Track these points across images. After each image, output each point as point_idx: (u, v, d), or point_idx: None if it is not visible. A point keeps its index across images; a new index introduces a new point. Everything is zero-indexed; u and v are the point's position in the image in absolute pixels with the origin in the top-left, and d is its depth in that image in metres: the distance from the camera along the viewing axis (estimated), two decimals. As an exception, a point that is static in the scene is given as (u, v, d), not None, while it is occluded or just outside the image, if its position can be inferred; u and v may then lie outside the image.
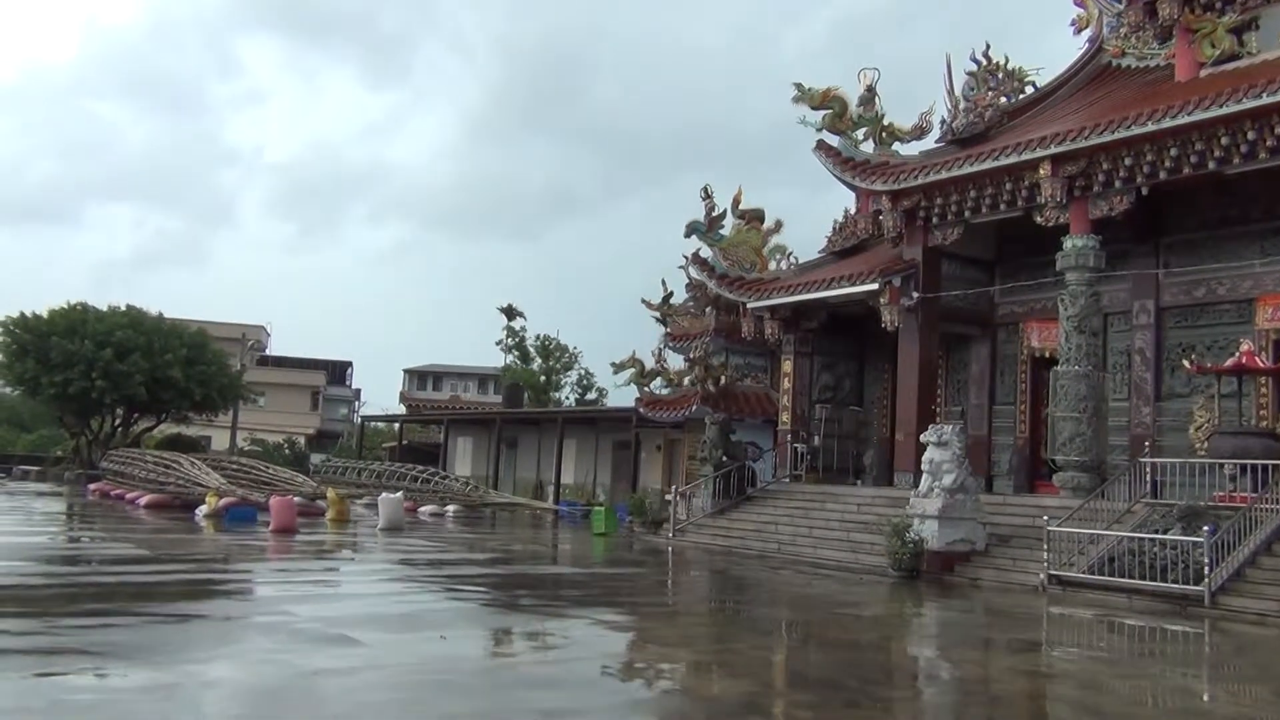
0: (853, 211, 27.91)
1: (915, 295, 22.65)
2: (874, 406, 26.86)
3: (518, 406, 51.17)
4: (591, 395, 65.90)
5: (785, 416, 26.03)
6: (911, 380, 22.86)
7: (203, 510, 24.18)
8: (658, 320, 40.17)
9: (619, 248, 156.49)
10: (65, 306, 42.01)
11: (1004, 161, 20.34)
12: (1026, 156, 19.88)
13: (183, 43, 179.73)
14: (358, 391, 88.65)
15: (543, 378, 64.72)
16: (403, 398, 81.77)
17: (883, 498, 22.06)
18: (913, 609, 13.78)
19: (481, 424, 48.09)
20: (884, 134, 23.79)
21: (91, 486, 32.80)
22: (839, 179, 24.15)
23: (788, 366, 26.12)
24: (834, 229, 27.88)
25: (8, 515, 22.35)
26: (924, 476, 18.33)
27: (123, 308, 43.36)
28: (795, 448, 25.42)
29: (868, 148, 23.76)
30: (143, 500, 27.23)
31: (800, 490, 24.26)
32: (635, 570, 18.03)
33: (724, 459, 24.60)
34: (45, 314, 41.18)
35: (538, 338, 66.02)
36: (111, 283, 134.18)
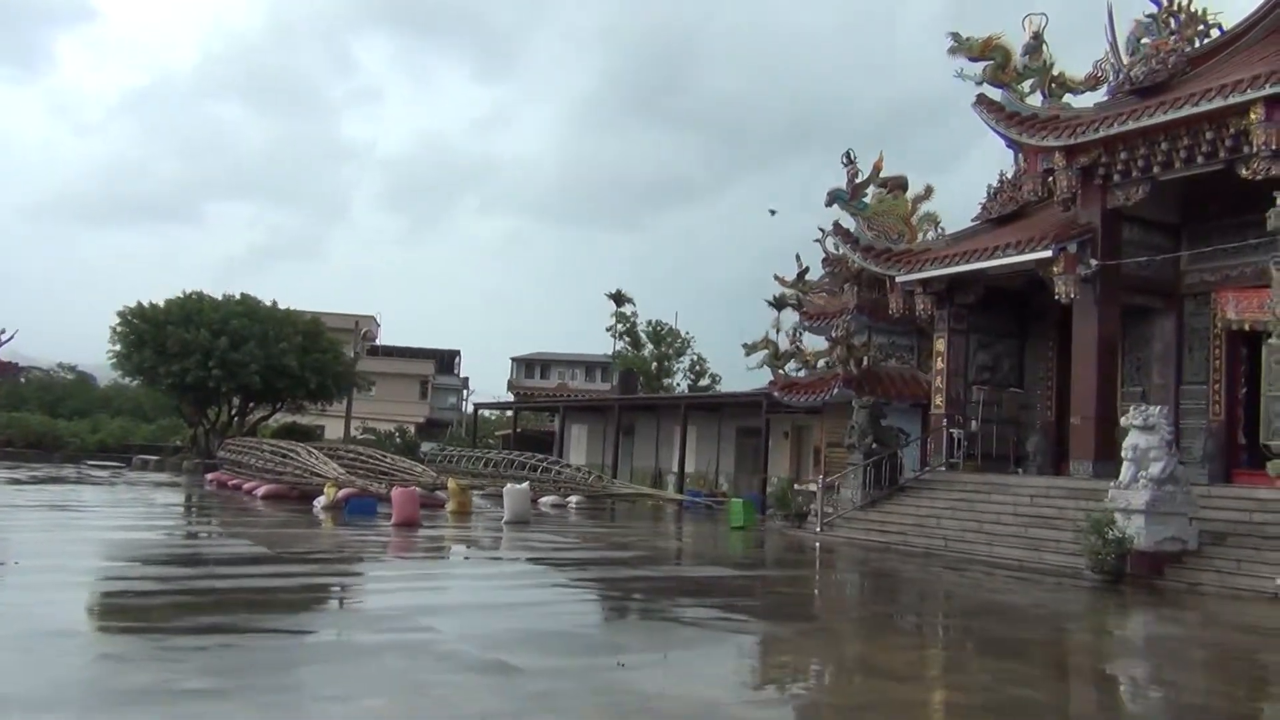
0: (1009, 175, 25.67)
1: (1093, 263, 20.24)
2: (1036, 388, 24.43)
3: (632, 393, 49.65)
4: (705, 381, 64.08)
5: (938, 400, 23.80)
6: (1089, 358, 20.48)
7: (321, 501, 23.06)
8: (771, 304, 38.12)
9: (725, 234, 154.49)
10: (181, 296, 41.79)
11: (1206, 107, 17.81)
12: (1235, 100, 17.36)
13: (300, 43, 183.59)
14: (465, 380, 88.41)
15: (654, 364, 63.10)
16: (511, 386, 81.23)
17: (1058, 488, 19.79)
18: (1150, 625, 11.66)
19: (596, 411, 46.68)
20: (1053, 85, 21.37)
21: (209, 476, 32.21)
22: (1002, 136, 21.86)
23: (940, 345, 23.88)
24: (989, 194, 25.50)
25: (125, 508, 21.54)
26: (1126, 465, 16.03)
27: (237, 296, 43.02)
28: (951, 433, 23.19)
29: (1034, 101, 21.43)
30: (260, 491, 26.34)
31: (960, 480, 22.05)
32: (798, 573, 16.19)
33: (874, 446, 22.53)
34: (161, 304, 40.99)
35: (649, 323, 64.42)
36: (230, 278, 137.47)
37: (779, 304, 66.77)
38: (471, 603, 10.66)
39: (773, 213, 37.87)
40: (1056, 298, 20.54)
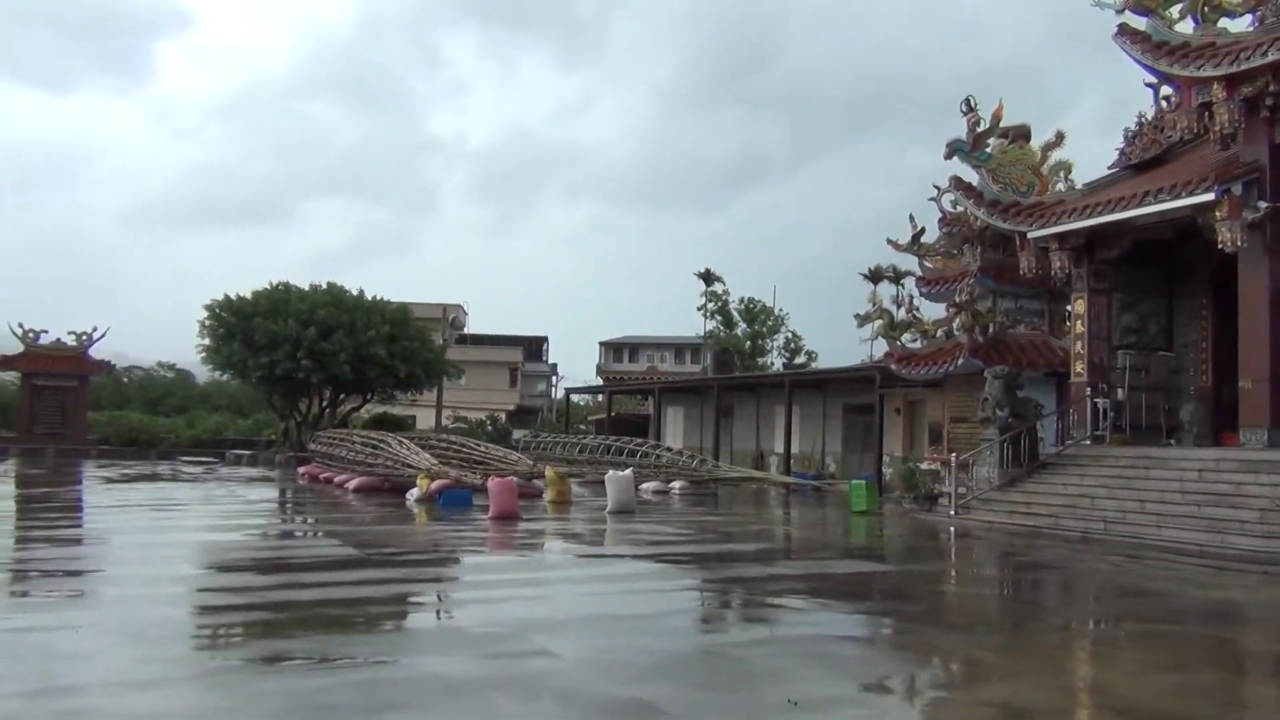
0: (1148, 117, 23.28)
1: (1262, 205, 17.88)
2: (1188, 351, 22.02)
3: (728, 372, 47.81)
4: (800, 359, 62.00)
5: (1078, 366, 21.58)
6: (1260, 313, 18.11)
7: (414, 494, 21.86)
8: (866, 276, 35.56)
9: (810, 211, 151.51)
10: (268, 287, 41.14)
11: (1405, 15, 15.39)
12: None
13: (389, 40, 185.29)
14: (554, 366, 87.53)
15: (748, 343, 61.21)
16: (599, 370, 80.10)
17: (1230, 461, 17.53)
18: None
19: (692, 392, 45.02)
20: (1206, 9, 19.00)
21: (301, 470, 31.35)
22: (1148, 69, 19.59)
23: (1080, 307, 21.62)
24: (1126, 139, 23.13)
25: (214, 506, 20.51)
26: (1330, 433, 13.83)
27: (324, 285, 42.23)
28: (1095, 404, 20.97)
29: (1184, 28, 19.11)
30: (351, 484, 25.25)
31: (1110, 455, 19.87)
32: (952, 566, 14.34)
33: (1010, 420, 20.45)
34: (249, 296, 40.37)
35: (741, 301, 62.51)
36: (324, 275, 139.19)
37: (875, 276, 64.12)
38: (588, 614, 9.06)
39: None
40: (1220, 246, 18.21)
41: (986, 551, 15.48)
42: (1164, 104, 22.60)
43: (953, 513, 19.88)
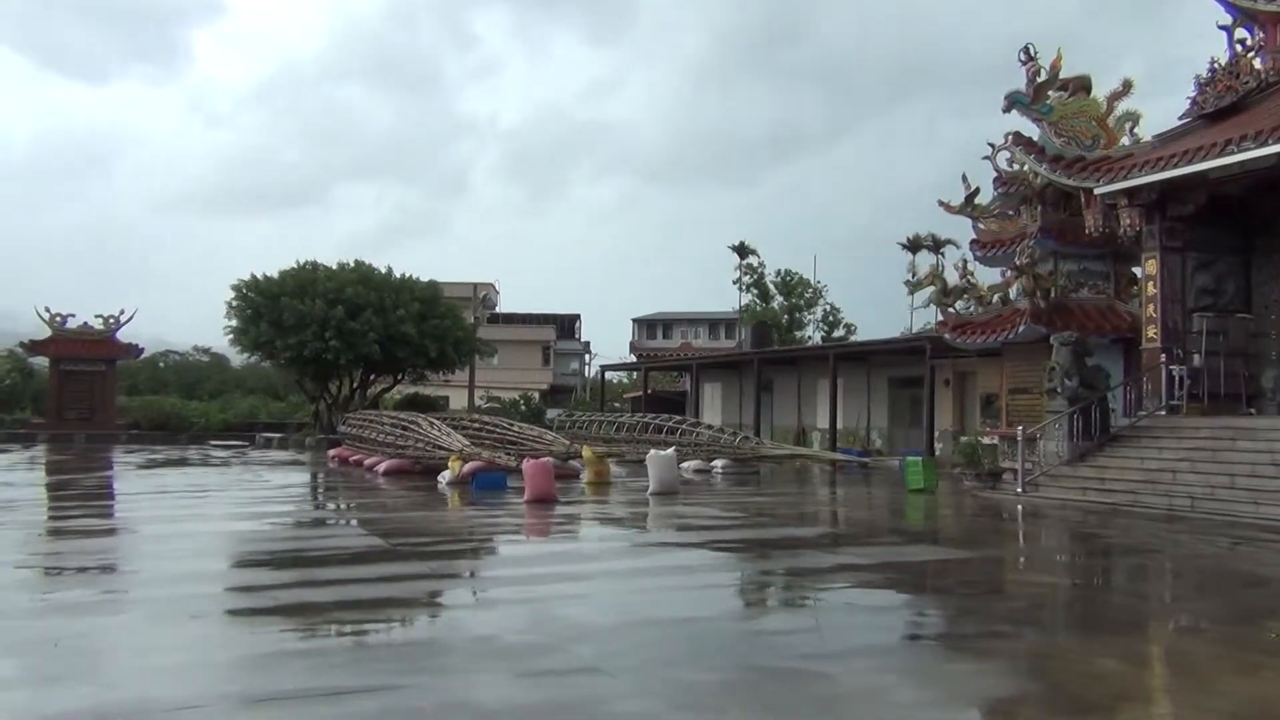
0: (1221, 62, 21.68)
1: (1359, 151, 16.40)
2: (1270, 312, 20.52)
3: (765, 346, 46.55)
4: (839, 332, 60.57)
5: (1151, 331, 20.17)
6: (1357, 269, 16.68)
7: (446, 477, 20.88)
8: (905, 246, 33.96)
9: (845, 183, 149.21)
10: (295, 266, 40.28)
11: None
12: None
13: (421, 21, 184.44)
14: (587, 344, 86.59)
15: (784, 316, 59.80)
16: (633, 347, 79.05)
17: (1326, 431, 16.15)
18: None
19: (729, 368, 43.87)
20: (1290, -62, 17.48)
21: (331, 452, 30.52)
22: (1226, 6, 18.62)
23: (1152, 267, 20.18)
24: (1198, 87, 21.48)
25: (239, 492, 19.61)
26: None
27: (351, 264, 41.28)
28: (1170, 371, 19.57)
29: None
30: (381, 467, 24.32)
31: (1188, 425, 18.50)
32: (1033, 552, 13.17)
33: (1080, 390, 19.10)
34: (276, 275, 39.54)
35: (778, 273, 61.05)
36: (356, 257, 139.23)
37: (915, 245, 62.35)
38: (638, 617, 7.94)
39: None
40: (1311, 197, 16.77)
41: (1068, 534, 14.18)
42: (1239, 48, 21.03)
43: (1020, 490, 18.59)
